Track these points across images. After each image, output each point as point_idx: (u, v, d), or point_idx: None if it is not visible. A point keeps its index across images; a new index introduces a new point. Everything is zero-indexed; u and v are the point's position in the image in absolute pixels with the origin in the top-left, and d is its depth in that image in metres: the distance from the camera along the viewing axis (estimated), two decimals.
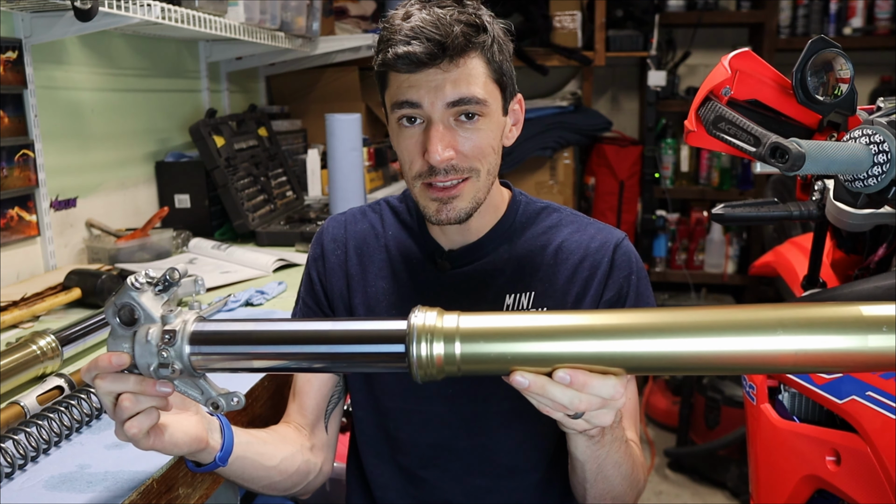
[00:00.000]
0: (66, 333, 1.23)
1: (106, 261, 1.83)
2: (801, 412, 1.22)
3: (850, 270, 1.27)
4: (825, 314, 0.67)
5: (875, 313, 0.66)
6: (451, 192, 0.97)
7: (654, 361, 0.69)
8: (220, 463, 0.89)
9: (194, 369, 0.72)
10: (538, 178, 3.35)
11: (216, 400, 0.74)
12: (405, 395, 1.06)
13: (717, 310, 0.70)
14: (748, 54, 1.00)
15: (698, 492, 2.70)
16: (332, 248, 1.12)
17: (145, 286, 0.72)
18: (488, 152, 0.98)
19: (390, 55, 0.93)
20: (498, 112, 0.99)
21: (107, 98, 2.02)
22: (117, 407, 0.75)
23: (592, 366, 0.70)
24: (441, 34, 0.91)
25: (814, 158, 0.85)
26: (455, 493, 1.08)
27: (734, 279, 3.56)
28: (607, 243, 1.05)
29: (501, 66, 0.97)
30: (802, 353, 0.66)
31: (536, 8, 3.21)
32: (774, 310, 0.68)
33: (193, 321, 0.73)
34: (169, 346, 0.70)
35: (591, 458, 0.90)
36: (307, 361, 0.73)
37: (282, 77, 2.95)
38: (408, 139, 0.97)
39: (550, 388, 0.70)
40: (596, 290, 1.03)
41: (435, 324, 0.69)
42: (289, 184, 2.53)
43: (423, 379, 0.70)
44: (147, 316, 0.71)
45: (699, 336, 0.68)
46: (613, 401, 0.72)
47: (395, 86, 0.96)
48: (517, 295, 1.04)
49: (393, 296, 1.07)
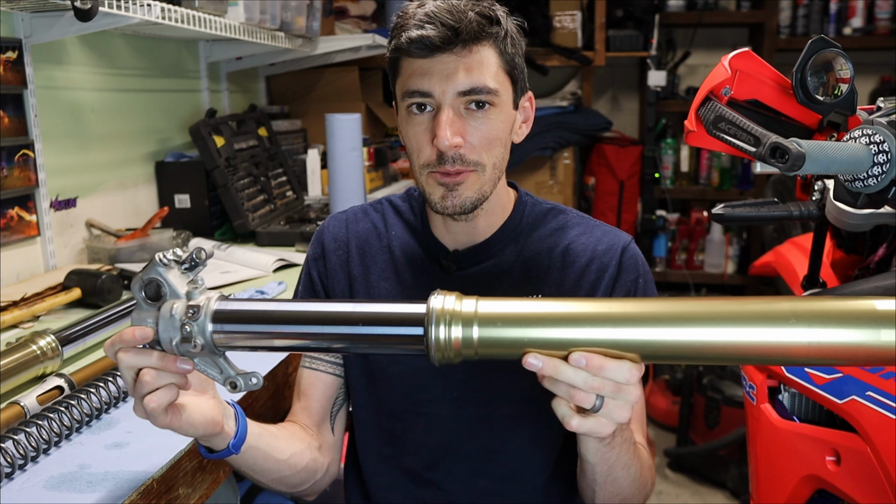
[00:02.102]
0: (66, 333, 1.23)
1: (106, 261, 1.83)
2: (801, 412, 1.22)
3: (850, 270, 1.27)
4: (839, 307, 0.68)
5: (888, 308, 0.67)
6: (457, 178, 0.96)
7: (669, 349, 0.70)
8: (234, 450, 0.89)
9: (216, 346, 0.73)
10: (538, 178, 3.35)
11: (234, 379, 0.74)
12: (410, 397, 1.06)
13: (732, 300, 0.71)
14: (748, 54, 1.00)
15: (698, 492, 2.70)
16: (334, 247, 1.11)
17: (172, 263, 0.73)
18: (496, 145, 0.97)
19: (404, 39, 0.93)
20: (509, 104, 0.99)
21: (107, 98, 2.02)
22: (138, 381, 0.75)
23: (608, 349, 0.70)
24: (455, 20, 0.91)
25: (814, 158, 0.85)
26: (459, 494, 1.08)
27: (734, 279, 3.56)
28: (615, 246, 1.04)
29: (514, 59, 0.98)
30: (816, 345, 0.67)
31: (536, 8, 3.21)
32: (789, 301, 0.69)
33: (217, 299, 0.73)
34: (192, 321, 0.71)
35: (602, 460, 0.89)
36: (327, 342, 0.74)
37: (282, 77, 2.95)
38: (416, 126, 0.97)
39: (564, 368, 0.70)
40: (603, 294, 1.03)
41: (454, 307, 0.70)
42: (289, 184, 2.53)
43: (440, 361, 0.71)
44: (172, 292, 0.72)
45: (713, 325, 0.69)
46: (628, 385, 0.71)
47: (408, 73, 0.96)
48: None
49: (397, 297, 1.07)
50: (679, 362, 0.77)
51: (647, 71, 3.20)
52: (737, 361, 0.73)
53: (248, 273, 1.81)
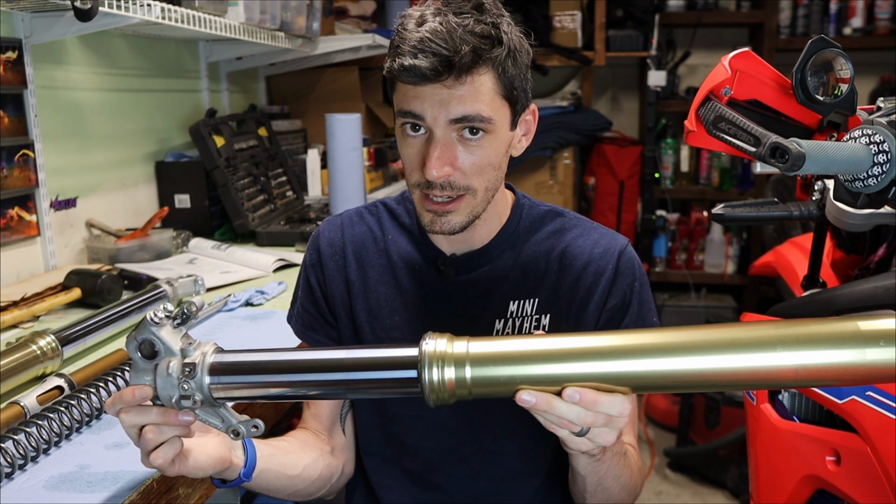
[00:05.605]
0: (66, 333, 1.23)
1: (106, 261, 1.83)
2: (801, 412, 1.22)
3: (850, 270, 1.27)
4: (823, 330, 0.69)
5: (872, 328, 0.68)
6: (447, 206, 0.95)
7: (660, 380, 0.71)
8: (245, 479, 0.91)
9: (214, 399, 0.74)
10: (538, 178, 3.35)
11: (237, 427, 0.76)
12: (410, 401, 1.06)
13: (719, 328, 0.72)
14: (748, 54, 1.00)
15: (698, 492, 2.70)
16: (330, 252, 1.09)
17: (164, 320, 0.74)
18: (488, 170, 0.96)
19: (396, 66, 0.91)
20: (504, 128, 0.96)
21: (107, 98, 2.02)
22: (141, 438, 0.77)
23: (599, 384, 0.72)
24: (449, 49, 0.87)
25: (814, 158, 0.85)
26: (460, 495, 1.08)
27: (734, 279, 3.56)
28: (611, 249, 1.04)
29: (513, 81, 0.94)
30: (802, 368, 0.68)
31: (536, 8, 3.20)
32: (774, 327, 0.70)
33: (212, 353, 0.75)
34: (189, 379, 0.73)
35: (592, 472, 0.92)
36: (322, 389, 0.76)
37: (282, 77, 2.95)
38: (410, 147, 0.96)
39: (557, 404, 0.71)
40: (600, 297, 1.02)
41: (446, 349, 0.72)
42: (289, 184, 2.53)
43: (435, 403, 0.73)
44: (167, 349, 0.74)
45: (702, 354, 0.70)
46: (620, 418, 0.73)
47: (402, 93, 0.94)
48: (521, 301, 1.03)
49: (395, 302, 1.06)
50: (671, 391, 0.79)
51: (647, 71, 3.20)
52: (726, 388, 0.75)
53: (248, 273, 1.81)
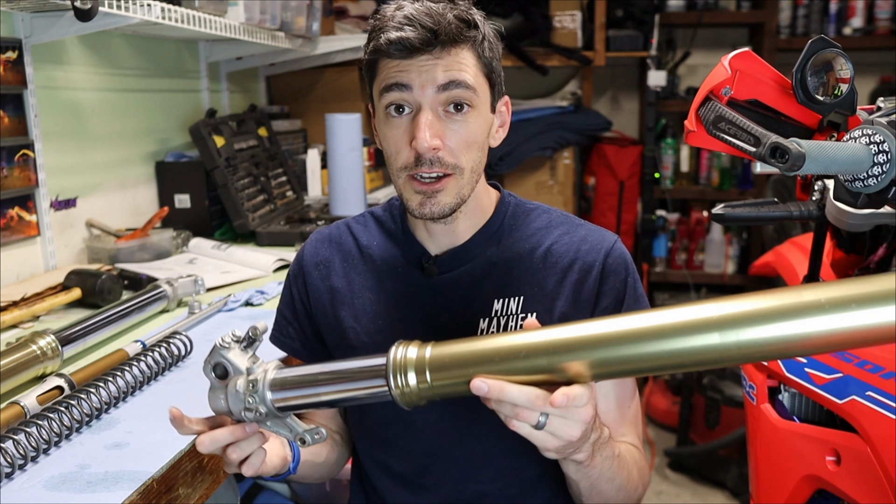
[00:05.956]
0: (66, 333, 1.23)
1: (106, 261, 1.83)
2: (801, 412, 1.22)
3: (850, 270, 1.27)
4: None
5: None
6: (435, 186, 0.96)
7: (614, 367, 0.71)
8: (293, 472, 0.98)
9: (278, 410, 0.82)
10: (538, 178, 3.35)
11: (303, 435, 0.83)
12: (398, 406, 1.06)
13: (676, 309, 0.69)
14: (748, 54, 1.00)
15: (698, 492, 2.70)
16: (314, 263, 1.12)
17: (232, 344, 0.83)
18: (474, 148, 0.97)
19: (383, 40, 0.94)
20: (486, 107, 0.99)
21: (107, 98, 2.02)
22: (225, 457, 0.84)
23: (552, 376, 0.72)
24: (434, 22, 0.92)
25: (814, 158, 0.85)
26: (450, 498, 1.08)
27: (734, 279, 3.56)
28: (598, 246, 1.04)
29: (491, 63, 0.99)
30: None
31: (536, 8, 3.20)
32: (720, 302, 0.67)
33: (273, 369, 0.82)
34: (253, 393, 0.80)
35: (584, 477, 0.92)
36: (343, 395, 0.82)
37: (282, 77, 2.95)
38: (395, 129, 0.97)
39: (508, 388, 0.72)
40: (588, 296, 1.02)
41: (408, 356, 0.77)
42: (289, 184, 2.53)
43: (408, 405, 0.78)
44: (236, 369, 0.82)
45: (649, 340, 0.69)
46: (576, 408, 0.73)
47: (385, 72, 0.96)
48: (505, 300, 1.02)
49: (379, 305, 1.06)
50: (625, 376, 0.78)
51: (647, 71, 3.20)
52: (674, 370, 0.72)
53: (248, 273, 1.81)
